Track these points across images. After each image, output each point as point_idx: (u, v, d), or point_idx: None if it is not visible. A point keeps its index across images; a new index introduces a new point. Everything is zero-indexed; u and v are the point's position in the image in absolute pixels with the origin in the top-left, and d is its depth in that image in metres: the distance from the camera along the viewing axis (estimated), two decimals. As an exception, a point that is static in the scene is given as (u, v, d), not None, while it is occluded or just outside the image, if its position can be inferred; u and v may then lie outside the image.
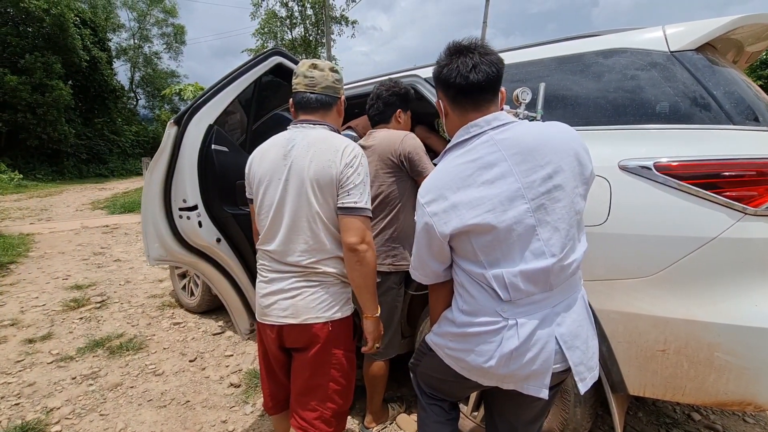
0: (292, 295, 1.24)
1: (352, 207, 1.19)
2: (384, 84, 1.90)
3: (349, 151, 1.22)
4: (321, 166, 1.19)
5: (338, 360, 1.29)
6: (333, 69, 1.33)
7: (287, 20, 27.49)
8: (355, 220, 1.19)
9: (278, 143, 1.27)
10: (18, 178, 15.18)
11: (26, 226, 7.44)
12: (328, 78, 1.30)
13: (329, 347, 1.27)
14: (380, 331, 1.37)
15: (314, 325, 1.24)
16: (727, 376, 1.20)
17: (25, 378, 2.42)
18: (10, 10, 16.56)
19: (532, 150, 0.94)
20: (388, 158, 1.71)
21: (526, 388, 0.98)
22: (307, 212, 1.21)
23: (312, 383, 1.28)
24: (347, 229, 1.19)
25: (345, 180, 1.19)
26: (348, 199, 1.19)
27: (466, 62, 0.98)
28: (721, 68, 1.38)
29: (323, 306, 1.25)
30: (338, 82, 1.33)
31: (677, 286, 1.24)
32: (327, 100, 1.31)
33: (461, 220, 0.95)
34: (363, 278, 1.23)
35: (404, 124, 1.90)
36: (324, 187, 1.20)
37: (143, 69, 32.56)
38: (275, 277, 1.27)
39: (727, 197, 1.18)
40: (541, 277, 0.94)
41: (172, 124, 2.20)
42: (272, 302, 1.26)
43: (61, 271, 4.64)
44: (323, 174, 1.19)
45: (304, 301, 1.24)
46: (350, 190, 1.19)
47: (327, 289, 1.26)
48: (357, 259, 1.19)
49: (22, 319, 3.27)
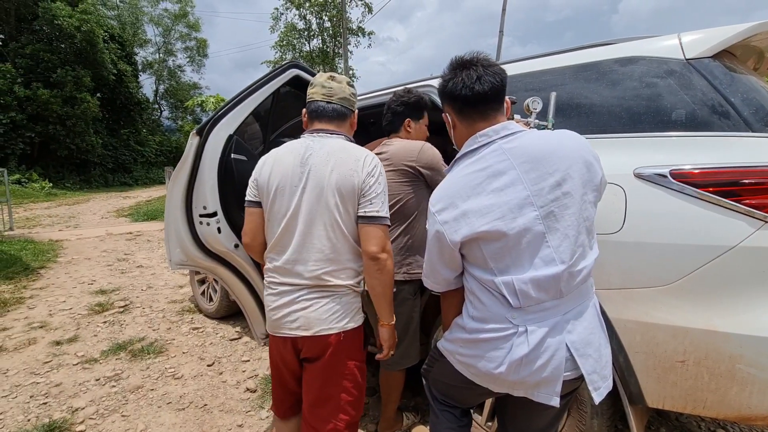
0: (304, 306, 1.23)
1: (374, 216, 1.20)
2: (396, 93, 1.91)
3: (369, 160, 1.24)
4: (343, 175, 1.19)
5: (350, 370, 1.29)
6: (350, 83, 1.36)
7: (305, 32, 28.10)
8: (376, 228, 1.20)
9: (294, 150, 1.26)
10: (48, 187, 15.87)
11: (55, 232, 7.76)
12: (345, 90, 1.33)
13: (342, 358, 1.26)
14: (395, 339, 1.37)
15: (327, 336, 1.23)
16: (750, 389, 1.16)
17: (52, 378, 2.51)
18: (45, 28, 17.48)
19: (540, 158, 0.95)
20: (405, 168, 1.71)
21: (537, 396, 0.98)
22: (326, 221, 1.21)
23: (324, 394, 1.28)
24: (369, 238, 1.19)
25: (367, 189, 1.20)
26: (370, 208, 1.20)
27: (471, 74, 1.01)
28: (739, 75, 1.36)
29: (335, 317, 1.24)
30: (353, 96, 1.36)
31: (696, 296, 1.22)
32: (343, 111, 1.32)
33: (471, 227, 0.96)
34: (383, 286, 1.24)
35: (415, 132, 1.88)
36: (346, 195, 1.20)
37: (167, 81, 33.79)
38: (285, 290, 1.26)
39: (746, 205, 1.15)
40: (551, 284, 0.94)
41: (195, 134, 2.29)
42: (283, 315, 1.25)
43: (87, 276, 4.82)
44: (345, 183, 1.19)
45: (316, 312, 1.23)
46: (372, 199, 1.20)
47: (339, 299, 1.25)
48: (378, 267, 1.20)
49: (51, 321, 3.41)
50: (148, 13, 31.11)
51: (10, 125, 16.22)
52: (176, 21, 32.30)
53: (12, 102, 16.15)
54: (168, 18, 31.99)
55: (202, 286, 3.58)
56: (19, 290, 4.22)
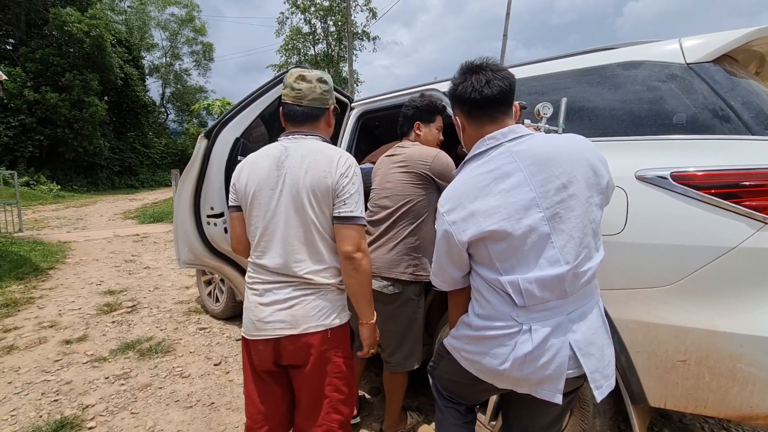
0: (290, 305, 1.21)
1: (348, 216, 1.20)
2: (410, 98, 1.94)
3: (343, 161, 1.23)
4: (317, 176, 1.19)
5: (339, 368, 1.27)
6: (321, 80, 1.31)
7: (310, 36, 28.31)
8: (350, 229, 1.20)
9: (271, 154, 1.27)
10: (56, 189, 16.07)
11: (64, 234, 7.85)
12: (316, 90, 1.29)
13: (330, 355, 1.25)
14: (376, 338, 1.36)
15: (315, 334, 1.22)
16: (751, 389, 1.18)
17: (62, 376, 2.56)
18: (55, 32, 17.75)
19: (546, 160, 0.98)
20: (419, 171, 1.75)
21: (540, 393, 1.00)
22: (303, 222, 1.21)
23: (317, 395, 1.26)
24: (344, 238, 1.20)
25: (341, 190, 1.20)
26: (344, 208, 1.20)
27: (480, 78, 1.04)
28: (740, 79, 1.38)
29: (322, 314, 1.23)
30: (326, 93, 1.32)
31: (697, 296, 1.23)
32: (314, 113, 1.31)
33: (478, 227, 0.99)
34: (359, 285, 1.24)
35: (425, 136, 1.90)
36: (320, 197, 1.20)
37: (173, 85, 34.10)
38: (269, 288, 1.24)
39: (746, 207, 1.17)
40: (555, 284, 0.96)
41: (203, 137, 2.34)
42: (267, 314, 1.22)
43: (95, 277, 4.88)
44: (320, 184, 1.19)
45: (302, 309, 1.21)
46: (346, 199, 1.20)
47: (324, 296, 1.25)
48: (353, 266, 1.20)
49: (60, 321, 3.46)
50: (155, 18, 31.47)
51: (20, 128, 16.46)
52: (183, 25, 32.64)
53: (22, 105, 16.40)
54: (175, 22, 32.35)
55: (209, 287, 3.63)
56: (30, 290, 4.29)
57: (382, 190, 1.85)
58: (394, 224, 1.78)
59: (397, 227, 1.77)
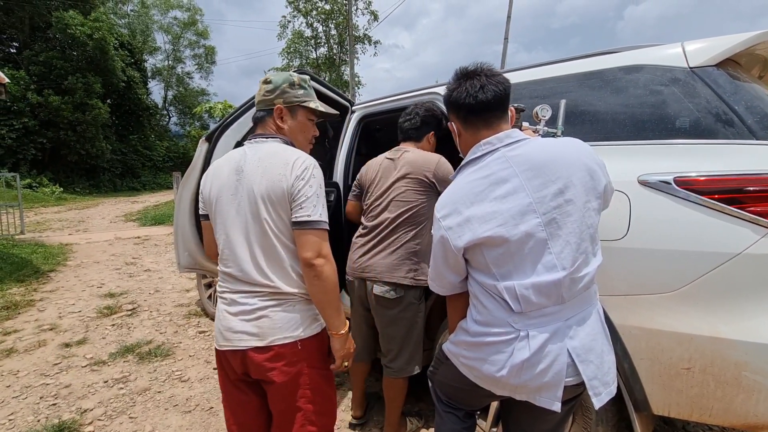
0: (257, 315, 1.16)
1: (306, 221, 1.13)
2: (424, 104, 1.97)
3: (300, 163, 1.17)
4: (272, 180, 1.14)
5: (312, 379, 1.21)
6: (266, 80, 1.30)
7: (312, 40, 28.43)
8: (308, 234, 1.14)
9: (232, 159, 1.24)
10: (59, 192, 16.12)
11: (65, 236, 7.87)
12: (260, 94, 1.29)
13: (301, 367, 1.19)
14: (349, 349, 1.27)
15: (282, 345, 1.16)
16: (756, 397, 1.16)
17: (61, 380, 2.55)
18: (58, 36, 17.86)
19: (542, 165, 0.97)
20: (422, 176, 1.77)
21: (539, 400, 0.99)
22: (262, 229, 1.16)
23: (289, 409, 1.21)
24: (302, 244, 1.14)
25: (296, 193, 1.14)
26: (301, 212, 1.14)
27: (474, 84, 1.04)
28: (744, 83, 1.37)
29: (290, 325, 1.17)
30: (270, 93, 1.28)
31: (701, 302, 1.22)
32: (259, 115, 1.30)
33: (474, 233, 0.98)
34: (323, 293, 1.16)
35: (432, 146, 1.98)
36: (276, 202, 1.14)
37: (176, 88, 34.31)
38: (236, 298, 1.19)
39: (751, 212, 1.16)
40: (552, 290, 0.95)
41: (204, 141, 2.34)
42: (234, 325, 1.17)
43: (96, 279, 4.88)
44: (275, 188, 1.14)
45: (269, 321, 1.16)
46: (302, 203, 1.14)
47: (293, 307, 1.19)
48: (314, 273, 1.13)
49: (60, 324, 3.46)
50: (158, 21, 31.69)
51: (23, 131, 16.54)
52: (185, 29, 32.85)
53: (25, 108, 16.49)
54: (177, 26, 32.56)
55: (209, 290, 3.62)
56: (30, 293, 4.29)
57: (382, 195, 1.85)
58: (395, 230, 1.78)
59: (398, 232, 1.78)
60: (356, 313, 1.96)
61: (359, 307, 1.92)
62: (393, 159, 1.89)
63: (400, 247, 1.77)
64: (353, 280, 1.88)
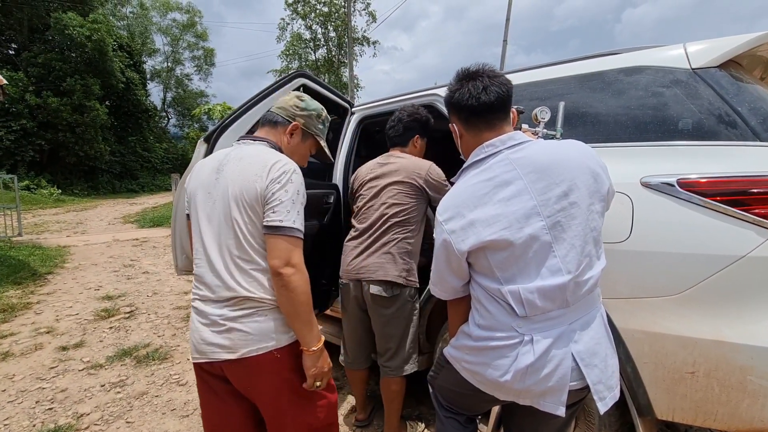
0: (228, 327, 1.09)
1: (277, 226, 1.08)
2: (405, 109, 2.00)
3: (278, 166, 1.12)
4: (247, 180, 1.11)
5: (298, 383, 1.16)
6: (299, 97, 1.33)
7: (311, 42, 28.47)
8: (279, 240, 1.07)
9: (216, 157, 1.21)
10: (57, 193, 16.08)
11: (63, 238, 7.84)
12: (288, 102, 1.31)
13: (283, 375, 1.13)
14: (322, 368, 1.18)
15: (257, 357, 1.09)
16: (762, 402, 1.14)
17: (58, 384, 2.52)
18: (57, 37, 17.84)
19: (546, 168, 0.96)
20: (413, 181, 1.81)
21: (543, 405, 0.98)
22: (233, 231, 1.11)
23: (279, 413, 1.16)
24: (271, 250, 1.08)
25: (270, 196, 1.09)
26: (273, 217, 1.08)
27: (477, 85, 1.03)
28: (746, 85, 1.36)
29: (265, 335, 1.11)
30: (296, 108, 1.31)
31: (705, 306, 1.20)
32: (273, 118, 1.29)
33: (478, 237, 0.97)
34: (290, 304, 1.09)
35: (419, 149, 2.01)
36: (248, 203, 1.10)
37: (175, 90, 34.32)
38: (206, 309, 1.13)
39: (755, 215, 1.15)
40: (557, 294, 0.94)
41: (202, 142, 2.31)
42: (205, 337, 1.11)
43: (94, 281, 4.85)
44: (248, 189, 1.10)
45: (240, 332, 1.09)
46: (275, 207, 1.08)
47: (264, 314, 1.11)
48: (282, 283, 1.07)
49: (57, 327, 3.43)
50: (157, 23, 31.70)
51: (21, 133, 16.50)
52: (184, 31, 32.87)
53: (23, 110, 16.45)
54: (176, 28, 32.58)
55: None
56: (27, 295, 4.26)
57: (374, 197, 1.88)
58: (387, 231, 1.82)
59: (390, 233, 1.81)
60: (352, 317, 1.95)
61: (355, 309, 1.91)
62: (384, 164, 1.93)
63: (393, 246, 1.80)
64: (348, 282, 1.87)
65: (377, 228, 1.82)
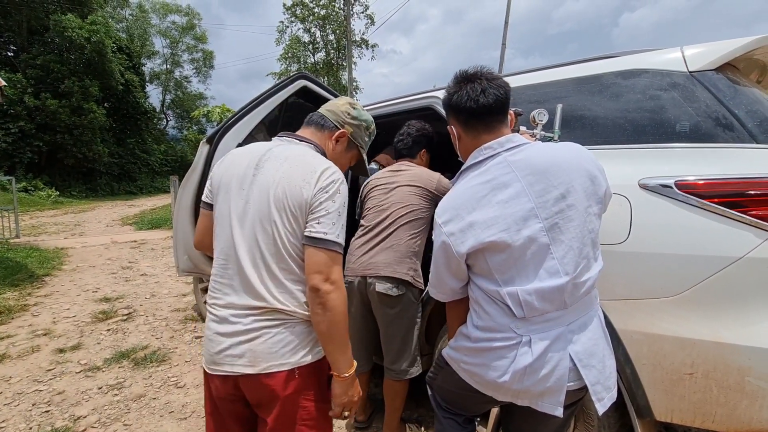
0: (251, 337, 1.01)
1: (321, 238, 0.99)
2: (413, 124, 2.10)
3: (328, 174, 1.05)
4: (292, 184, 1.02)
5: (310, 414, 1.06)
6: (351, 104, 1.26)
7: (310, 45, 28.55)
8: (321, 253, 0.99)
9: (254, 151, 1.11)
10: (55, 195, 16.03)
11: (61, 240, 7.81)
12: (340, 107, 1.24)
13: (297, 400, 1.04)
14: (353, 397, 1.09)
15: (277, 374, 1.01)
16: (760, 403, 1.15)
17: (55, 386, 2.51)
18: (56, 39, 17.85)
19: (544, 171, 0.97)
20: (425, 190, 1.88)
21: (541, 405, 0.98)
22: (271, 236, 1.02)
23: None
24: (310, 264, 1.00)
25: (317, 205, 1.01)
26: (317, 228, 1.00)
27: (475, 87, 1.04)
28: (743, 88, 1.38)
29: (288, 350, 1.02)
30: (347, 115, 1.23)
31: (703, 307, 1.21)
32: (322, 121, 1.21)
33: (477, 239, 0.97)
34: (327, 325, 0.99)
35: (426, 162, 2.12)
36: (291, 209, 1.02)
37: (174, 92, 34.32)
38: (228, 315, 1.04)
39: (752, 216, 1.15)
40: (555, 296, 0.95)
41: (205, 143, 2.32)
42: (224, 347, 1.02)
43: (92, 284, 4.83)
44: (293, 194, 1.01)
45: (265, 344, 1.01)
46: (321, 218, 1.01)
47: (293, 328, 1.03)
48: (319, 301, 0.98)
49: (54, 329, 3.41)
50: (156, 26, 31.75)
51: (19, 134, 16.47)
52: (183, 33, 32.92)
53: (22, 112, 16.43)
54: (175, 30, 32.63)
55: (206, 294, 3.58)
56: (24, 297, 4.24)
57: (385, 197, 1.90)
58: (397, 229, 1.83)
59: (399, 231, 1.83)
60: (355, 316, 1.95)
61: (359, 308, 1.91)
62: (397, 171, 1.98)
63: (401, 244, 1.81)
64: (353, 280, 1.87)
65: (387, 226, 1.84)
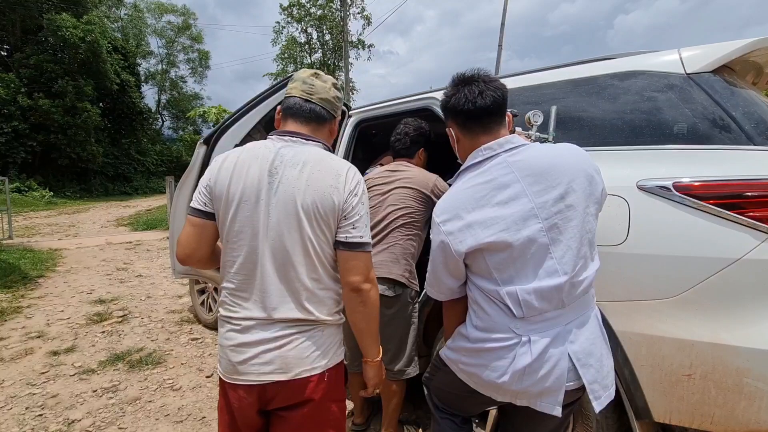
0: (280, 344, 1.00)
1: (358, 242, 1.02)
2: (410, 123, 2.06)
3: (351, 176, 1.05)
4: (321, 191, 1.00)
5: (334, 415, 1.09)
6: (336, 86, 1.17)
7: (306, 46, 28.53)
8: (360, 255, 1.02)
9: (261, 156, 1.04)
10: (49, 196, 15.90)
11: (55, 241, 7.74)
12: (329, 92, 1.14)
13: (326, 402, 1.06)
14: (382, 377, 1.23)
15: (309, 378, 1.02)
16: (758, 404, 1.15)
17: (48, 389, 2.48)
18: (50, 38, 17.72)
19: (543, 171, 0.98)
20: (422, 189, 1.86)
21: (540, 405, 0.99)
22: (298, 243, 1.00)
23: None
24: (350, 267, 1.02)
25: (350, 210, 1.02)
26: (354, 233, 1.02)
27: (473, 90, 1.05)
28: (740, 90, 1.38)
29: (319, 354, 1.04)
30: (338, 101, 1.17)
31: (702, 308, 1.21)
32: (322, 114, 1.12)
33: (476, 239, 0.98)
34: (366, 321, 1.07)
35: (423, 161, 2.09)
36: (323, 216, 1.00)
37: (169, 92, 34.15)
38: (253, 325, 1.01)
39: (750, 218, 1.16)
40: (554, 295, 0.96)
41: (202, 143, 2.31)
42: (251, 356, 1.00)
43: (86, 285, 4.79)
44: (324, 201, 1.00)
45: (295, 350, 1.01)
46: (356, 222, 1.02)
47: (321, 332, 1.05)
48: (361, 299, 1.03)
49: (48, 331, 3.38)
50: (152, 25, 31.64)
51: (12, 134, 16.33)
52: (179, 33, 32.82)
53: (15, 111, 16.29)
54: (171, 30, 32.53)
55: (202, 296, 3.56)
56: (17, 299, 4.20)
57: (381, 198, 1.89)
58: (392, 231, 1.83)
59: (395, 233, 1.83)
60: None
61: None
62: (394, 171, 1.96)
63: (396, 246, 1.82)
64: None
65: (382, 228, 1.84)
